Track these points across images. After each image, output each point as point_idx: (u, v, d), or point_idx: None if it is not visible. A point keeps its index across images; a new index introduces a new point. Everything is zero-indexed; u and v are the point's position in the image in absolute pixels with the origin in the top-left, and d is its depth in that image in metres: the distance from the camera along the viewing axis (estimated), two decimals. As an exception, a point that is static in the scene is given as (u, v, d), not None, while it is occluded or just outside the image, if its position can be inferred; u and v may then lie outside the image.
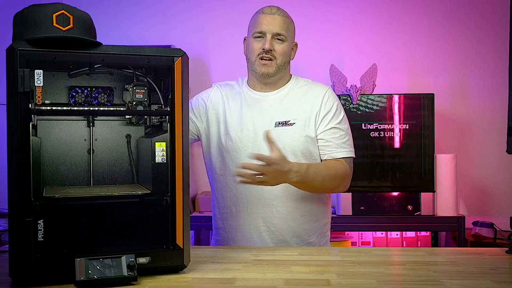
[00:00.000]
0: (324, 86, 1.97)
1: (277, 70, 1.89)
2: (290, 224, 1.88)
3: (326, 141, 1.88)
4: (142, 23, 3.50)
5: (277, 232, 1.88)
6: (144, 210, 1.48)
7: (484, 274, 1.45)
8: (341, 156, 1.89)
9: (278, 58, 1.88)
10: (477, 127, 3.43)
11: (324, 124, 1.89)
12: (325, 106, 1.90)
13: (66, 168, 1.61)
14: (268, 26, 1.86)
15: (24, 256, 1.31)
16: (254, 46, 1.88)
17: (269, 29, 1.86)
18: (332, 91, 1.96)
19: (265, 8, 1.90)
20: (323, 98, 1.91)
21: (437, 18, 3.45)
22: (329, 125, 1.89)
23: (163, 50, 1.46)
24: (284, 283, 1.36)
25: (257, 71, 1.89)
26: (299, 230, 1.89)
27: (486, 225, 3.02)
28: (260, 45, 1.87)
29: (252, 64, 1.90)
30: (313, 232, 1.92)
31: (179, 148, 1.44)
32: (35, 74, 1.36)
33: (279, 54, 1.87)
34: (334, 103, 1.92)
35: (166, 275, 1.42)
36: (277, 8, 1.90)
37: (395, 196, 3.01)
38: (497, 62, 3.38)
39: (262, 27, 1.86)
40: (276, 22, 1.86)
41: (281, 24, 1.87)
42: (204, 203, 3.19)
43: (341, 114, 1.93)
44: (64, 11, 1.38)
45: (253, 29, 1.90)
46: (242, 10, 1.95)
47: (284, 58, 1.89)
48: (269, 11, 1.88)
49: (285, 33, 1.87)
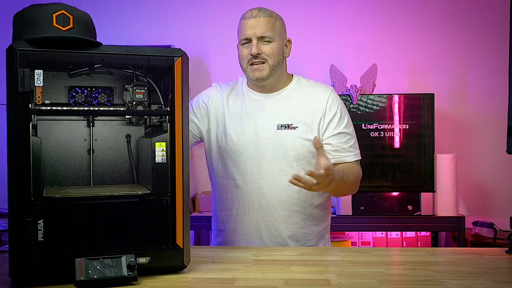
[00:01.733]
0: (327, 87, 1.95)
1: (270, 71, 1.86)
2: (291, 228, 1.88)
3: (334, 146, 1.88)
4: (142, 23, 3.50)
5: (278, 236, 1.88)
6: (144, 210, 1.49)
7: (484, 274, 1.45)
8: (352, 160, 1.90)
9: (269, 59, 1.85)
10: (477, 127, 3.42)
11: (331, 129, 1.88)
12: (329, 110, 1.89)
13: (66, 168, 1.61)
14: (251, 30, 1.83)
15: (24, 256, 1.31)
16: (243, 53, 1.87)
17: (253, 33, 1.83)
18: (335, 93, 1.95)
19: (246, 12, 1.88)
20: (327, 102, 1.89)
21: (437, 18, 3.44)
22: (336, 130, 1.88)
23: (163, 50, 1.46)
24: (284, 283, 1.36)
25: (250, 77, 1.88)
26: (300, 234, 1.89)
27: (486, 225, 3.02)
28: (247, 51, 1.85)
29: (245, 71, 1.89)
30: (313, 236, 1.92)
31: (179, 148, 1.44)
32: (35, 74, 1.36)
33: (269, 55, 1.85)
34: (339, 107, 1.91)
35: (166, 275, 1.42)
36: (258, 10, 1.86)
37: (395, 196, 3.01)
38: (497, 62, 3.38)
39: (246, 33, 1.84)
40: (259, 24, 1.83)
41: (264, 25, 1.83)
42: (204, 203, 3.19)
43: (346, 117, 1.92)
44: (64, 11, 1.38)
45: (239, 36, 1.89)
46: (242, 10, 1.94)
47: (276, 57, 1.86)
48: (250, 15, 1.86)
49: (270, 33, 1.84)
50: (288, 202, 1.86)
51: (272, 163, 1.86)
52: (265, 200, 1.86)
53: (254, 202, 1.87)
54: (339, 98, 1.95)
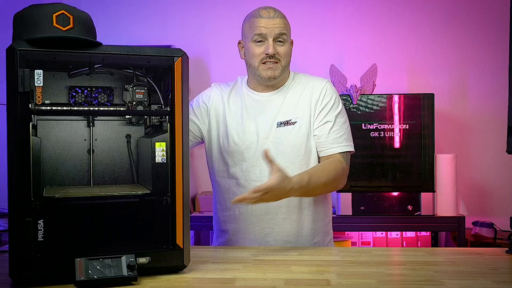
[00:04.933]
0: (322, 79, 1.94)
1: (282, 71, 1.87)
2: (294, 224, 1.88)
3: (320, 137, 1.86)
4: (142, 23, 3.50)
5: (281, 233, 1.88)
6: (144, 210, 1.49)
7: (484, 274, 1.45)
8: (337, 151, 1.86)
9: (283, 60, 1.86)
10: (477, 127, 3.43)
11: (320, 119, 1.87)
12: (322, 99, 1.88)
13: (66, 168, 1.61)
14: (268, 30, 1.83)
15: (24, 256, 1.31)
16: (255, 51, 1.86)
17: (270, 33, 1.83)
18: (331, 85, 1.93)
19: (262, 11, 1.86)
20: (321, 91, 1.89)
21: (437, 18, 3.45)
22: (324, 119, 1.87)
23: (163, 50, 1.46)
24: (284, 283, 1.36)
25: (262, 75, 1.87)
26: (304, 230, 1.89)
27: (486, 225, 3.02)
28: (261, 49, 1.85)
29: (255, 69, 1.87)
30: (318, 231, 1.92)
31: (179, 148, 1.44)
32: (35, 74, 1.36)
33: (283, 56, 1.86)
34: (332, 96, 1.90)
35: (166, 275, 1.42)
36: (273, 10, 1.87)
37: (395, 196, 3.01)
38: (497, 62, 3.38)
39: (262, 31, 1.83)
40: (277, 24, 1.84)
41: (281, 26, 1.84)
42: (204, 203, 3.19)
43: (338, 107, 1.90)
44: (64, 11, 1.38)
45: (251, 33, 1.86)
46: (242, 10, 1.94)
47: (287, 58, 1.88)
48: (267, 15, 1.85)
49: (286, 34, 1.86)
50: (290, 198, 1.86)
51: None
52: None
53: None
54: (334, 89, 1.93)
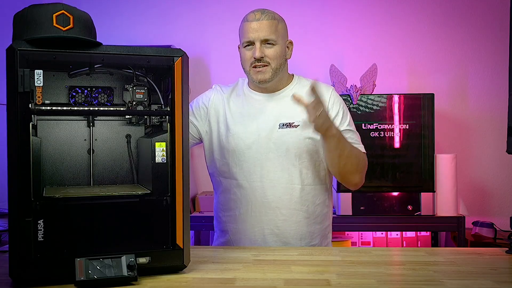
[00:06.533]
0: (328, 86, 1.96)
1: (273, 74, 1.86)
2: (294, 226, 1.88)
3: None
4: (142, 23, 3.50)
5: (281, 235, 1.88)
6: (144, 210, 1.49)
7: (484, 274, 1.45)
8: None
9: (272, 62, 1.85)
10: (477, 127, 3.42)
11: None
12: (332, 108, 1.89)
13: (66, 168, 1.61)
14: (254, 33, 1.82)
15: (24, 256, 1.31)
16: (246, 55, 1.87)
17: (256, 36, 1.82)
18: (336, 93, 1.96)
19: (249, 15, 1.86)
20: (329, 100, 1.90)
21: (437, 18, 3.44)
22: (340, 127, 1.86)
23: (163, 50, 1.46)
24: (284, 283, 1.36)
25: (253, 79, 1.88)
26: (303, 232, 1.89)
27: (486, 225, 3.02)
28: (250, 53, 1.85)
29: (248, 73, 1.89)
30: (317, 234, 1.92)
31: (179, 148, 1.44)
32: (35, 74, 1.36)
33: (272, 59, 1.85)
34: (340, 105, 1.92)
35: (166, 275, 1.42)
36: (260, 12, 1.85)
37: (395, 196, 3.01)
38: (497, 62, 3.38)
39: (249, 36, 1.83)
40: (262, 27, 1.82)
41: (268, 29, 1.83)
42: (204, 203, 3.19)
43: (348, 115, 1.94)
44: (64, 11, 1.38)
45: (241, 38, 1.88)
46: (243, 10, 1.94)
47: (279, 60, 1.86)
48: (253, 18, 1.84)
49: (274, 36, 1.83)
50: (290, 200, 1.87)
51: (274, 162, 1.87)
52: (267, 199, 1.87)
53: (257, 202, 1.87)
54: (339, 97, 1.96)
